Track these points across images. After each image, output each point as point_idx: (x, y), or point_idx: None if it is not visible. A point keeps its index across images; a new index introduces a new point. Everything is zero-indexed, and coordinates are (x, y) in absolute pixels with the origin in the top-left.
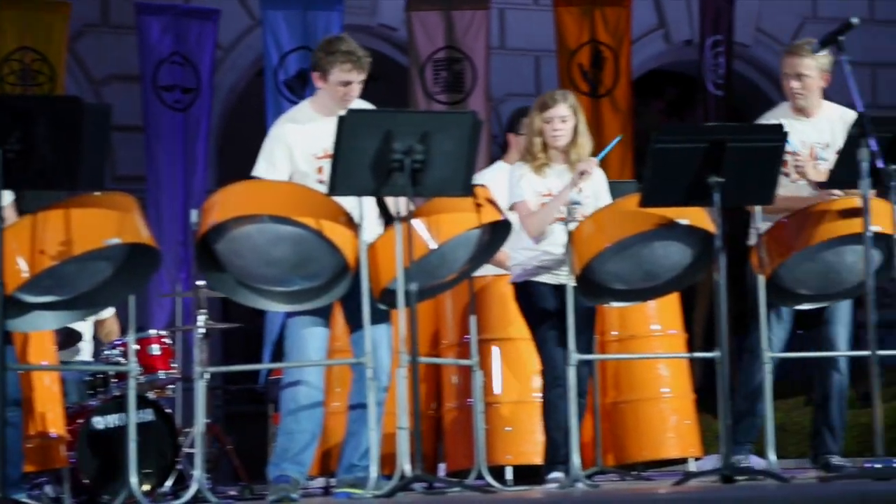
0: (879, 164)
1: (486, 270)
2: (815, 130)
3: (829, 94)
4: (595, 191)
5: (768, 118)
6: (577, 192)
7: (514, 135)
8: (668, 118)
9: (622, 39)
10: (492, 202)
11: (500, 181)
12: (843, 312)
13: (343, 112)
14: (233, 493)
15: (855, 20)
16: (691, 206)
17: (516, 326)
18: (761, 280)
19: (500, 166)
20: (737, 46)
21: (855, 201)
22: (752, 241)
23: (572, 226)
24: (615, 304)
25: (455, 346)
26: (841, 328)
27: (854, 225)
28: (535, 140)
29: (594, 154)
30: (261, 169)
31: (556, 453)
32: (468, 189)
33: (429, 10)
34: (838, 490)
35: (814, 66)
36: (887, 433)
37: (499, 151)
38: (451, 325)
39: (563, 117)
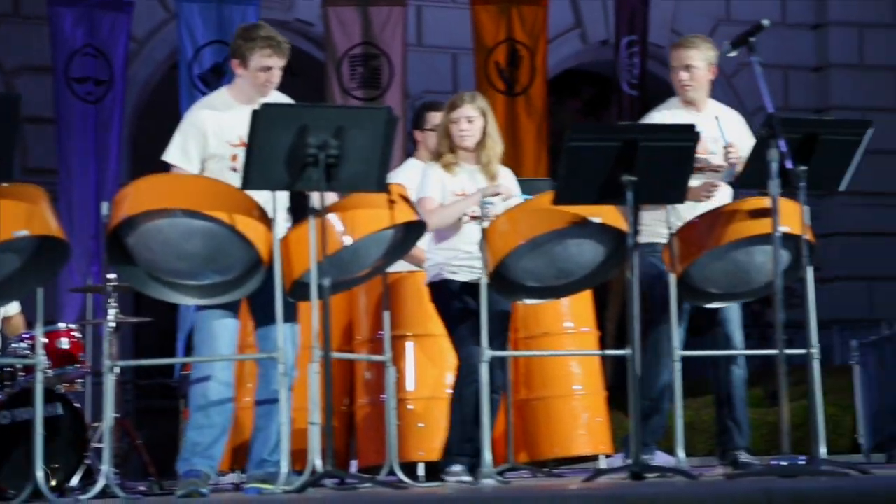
0: (789, 164)
1: (400, 266)
2: (705, 124)
3: (744, 95)
4: (506, 190)
5: (661, 110)
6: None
7: (419, 131)
8: (584, 117)
9: (538, 38)
10: (406, 200)
11: (414, 178)
12: (735, 313)
13: (261, 101)
14: (142, 488)
15: (766, 22)
16: (604, 205)
17: (430, 322)
18: (672, 278)
19: (412, 163)
20: (651, 47)
21: (765, 202)
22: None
23: (486, 223)
24: (529, 302)
25: (368, 342)
26: (735, 327)
27: (763, 225)
28: (442, 140)
29: None
30: (173, 155)
31: (457, 447)
32: (383, 185)
33: (345, 5)
34: (744, 487)
35: (701, 58)
36: (794, 431)
37: (413, 148)
38: (365, 320)
39: (470, 118)
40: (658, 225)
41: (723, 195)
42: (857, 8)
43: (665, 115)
